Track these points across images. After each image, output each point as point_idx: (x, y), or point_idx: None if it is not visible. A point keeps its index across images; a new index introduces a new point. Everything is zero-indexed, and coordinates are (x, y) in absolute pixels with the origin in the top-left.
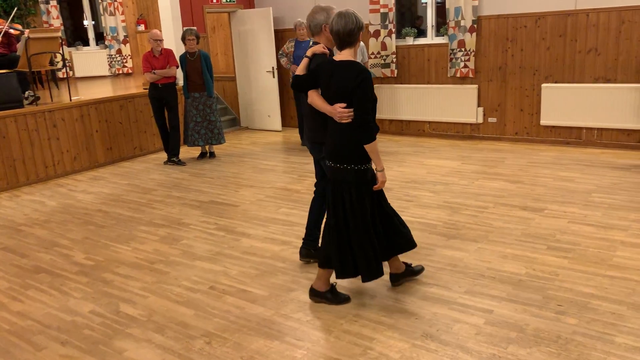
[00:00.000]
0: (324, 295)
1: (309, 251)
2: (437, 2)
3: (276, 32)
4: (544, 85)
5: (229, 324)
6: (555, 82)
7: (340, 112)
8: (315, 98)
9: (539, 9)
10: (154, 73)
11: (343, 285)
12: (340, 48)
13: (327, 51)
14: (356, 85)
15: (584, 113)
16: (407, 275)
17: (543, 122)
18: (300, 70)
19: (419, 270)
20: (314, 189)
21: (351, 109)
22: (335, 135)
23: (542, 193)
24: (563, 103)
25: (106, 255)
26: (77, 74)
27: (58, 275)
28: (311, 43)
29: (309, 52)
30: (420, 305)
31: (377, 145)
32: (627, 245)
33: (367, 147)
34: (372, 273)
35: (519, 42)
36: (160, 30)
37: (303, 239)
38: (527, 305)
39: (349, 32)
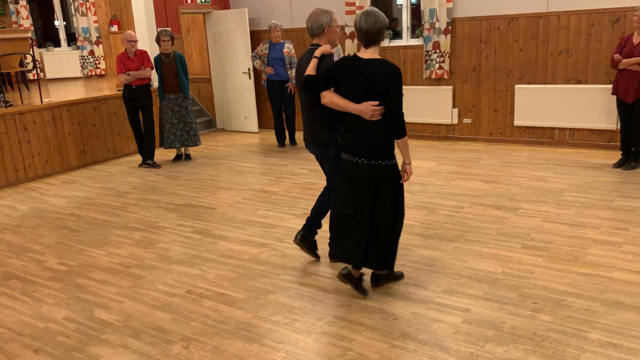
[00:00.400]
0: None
1: (306, 238)
2: (412, 4)
3: (252, 33)
4: (517, 86)
5: (207, 327)
6: (528, 83)
7: (372, 109)
8: (334, 98)
9: (511, 11)
10: (128, 74)
11: (321, 286)
12: (367, 46)
13: (333, 51)
14: (391, 82)
15: (556, 113)
16: (388, 278)
17: (517, 122)
18: (310, 70)
19: (400, 275)
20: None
21: (381, 107)
22: (364, 132)
23: (516, 192)
24: (536, 104)
25: (80, 260)
26: (48, 76)
27: (30, 281)
28: (287, 45)
29: (317, 53)
30: (399, 305)
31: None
32: (599, 242)
33: (400, 141)
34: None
35: (493, 44)
36: (134, 31)
37: (305, 224)
38: (504, 303)
39: (378, 30)
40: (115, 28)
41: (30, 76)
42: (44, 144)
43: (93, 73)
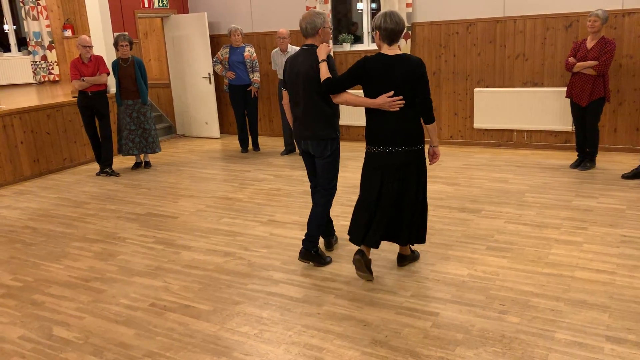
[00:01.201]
0: (411, 258)
1: (310, 252)
2: (373, 9)
3: (211, 37)
4: (476, 89)
5: (173, 342)
6: (487, 87)
7: (390, 100)
8: (349, 97)
9: (469, 16)
10: (83, 80)
11: (290, 294)
12: (391, 44)
13: (331, 48)
14: (422, 73)
15: (514, 116)
16: (412, 260)
17: (476, 125)
18: (325, 74)
19: (418, 255)
20: (311, 191)
21: (400, 97)
22: (395, 122)
23: (478, 194)
24: (494, 107)
25: (36, 275)
26: None
27: None
28: (247, 48)
29: (324, 56)
30: (368, 311)
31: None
32: (561, 242)
33: (430, 126)
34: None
35: (452, 48)
36: (89, 36)
37: (305, 239)
38: (471, 306)
39: (401, 29)
40: (69, 32)
41: None
42: None
43: (46, 79)
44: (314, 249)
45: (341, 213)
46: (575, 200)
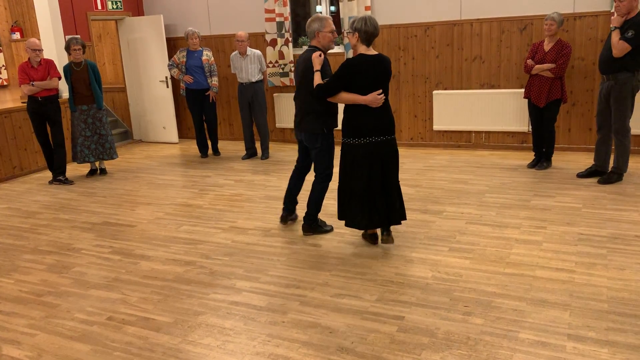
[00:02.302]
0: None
1: (310, 226)
2: (332, 12)
3: (168, 40)
4: (435, 92)
5: (132, 357)
6: (445, 89)
7: (378, 98)
8: (344, 96)
9: (427, 19)
10: (33, 85)
11: (253, 303)
12: (369, 45)
13: (322, 56)
14: (391, 70)
15: (473, 117)
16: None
17: (436, 127)
18: (318, 80)
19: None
20: (294, 168)
21: (381, 92)
22: (383, 114)
23: (439, 196)
24: (453, 108)
25: None
26: None
27: None
28: (205, 52)
29: (318, 66)
30: (333, 317)
31: None
32: (521, 242)
33: None
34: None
35: (411, 51)
36: (39, 39)
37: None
38: (436, 308)
39: (377, 33)
40: (17, 35)
41: None
42: None
43: None
44: (314, 223)
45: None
46: (534, 200)
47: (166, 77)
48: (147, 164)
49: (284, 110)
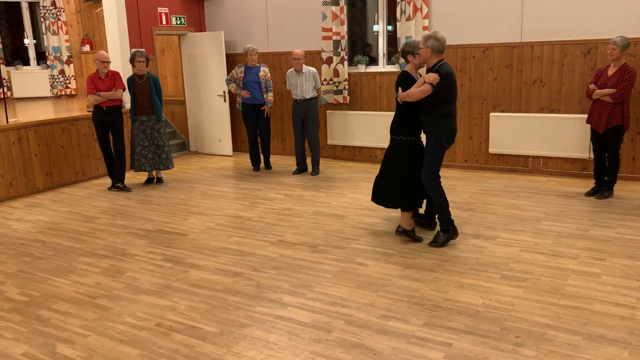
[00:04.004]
0: (409, 234)
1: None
2: (389, 32)
3: (227, 56)
4: (492, 114)
5: None
6: (503, 112)
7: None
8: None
9: (486, 40)
10: (99, 95)
11: (298, 319)
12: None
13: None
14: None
15: (530, 142)
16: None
17: (491, 150)
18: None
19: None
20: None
21: None
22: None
23: (493, 221)
24: (510, 132)
25: (43, 290)
26: (16, 95)
27: None
28: (263, 68)
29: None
30: (378, 339)
31: None
32: (578, 273)
33: None
34: None
35: (468, 72)
36: (107, 52)
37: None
38: (486, 337)
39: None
40: (87, 48)
41: None
42: (9, 165)
43: (63, 93)
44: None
45: (352, 235)
46: (593, 230)
47: (224, 92)
48: (201, 175)
49: (337, 128)
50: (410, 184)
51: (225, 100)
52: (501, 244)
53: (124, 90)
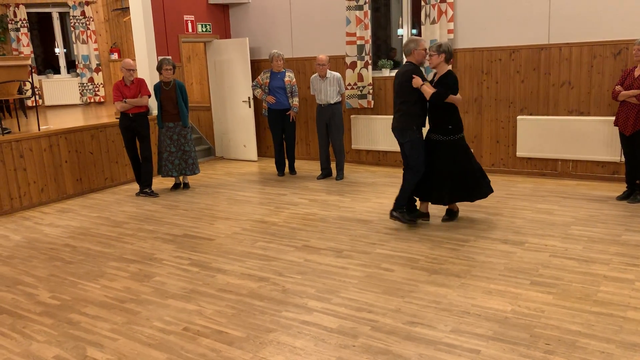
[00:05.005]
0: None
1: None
2: (413, 35)
3: (252, 62)
4: (519, 117)
5: None
6: (530, 114)
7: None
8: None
9: (513, 42)
10: (125, 102)
11: (324, 324)
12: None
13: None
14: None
15: (559, 145)
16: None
17: (519, 153)
18: (430, 89)
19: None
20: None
21: None
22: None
23: (521, 225)
24: (538, 135)
25: (73, 294)
26: (47, 103)
27: (21, 316)
28: (288, 74)
29: (421, 81)
30: (405, 345)
31: None
32: (610, 279)
33: None
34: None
35: (494, 75)
36: (134, 60)
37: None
38: (515, 344)
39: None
40: (115, 56)
41: (29, 103)
42: (40, 171)
43: (92, 100)
44: (400, 210)
45: (377, 240)
46: (625, 235)
47: (249, 98)
48: (227, 180)
49: (361, 132)
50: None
51: (250, 106)
52: (530, 249)
53: (149, 96)
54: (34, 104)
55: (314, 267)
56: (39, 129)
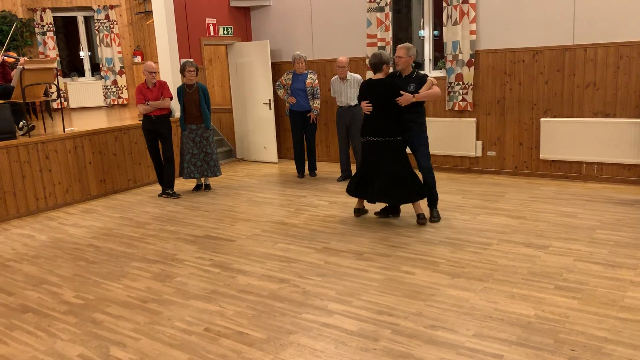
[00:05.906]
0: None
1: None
2: (435, 37)
3: (273, 64)
4: (542, 119)
5: None
6: (554, 117)
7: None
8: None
9: (536, 44)
10: (147, 104)
11: (344, 327)
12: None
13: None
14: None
15: (584, 147)
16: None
17: (542, 156)
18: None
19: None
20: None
21: None
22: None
23: (545, 229)
24: (562, 137)
25: (97, 294)
26: (72, 105)
27: (46, 315)
28: (310, 75)
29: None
30: (427, 349)
31: None
32: (637, 285)
33: None
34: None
35: (517, 76)
36: (157, 62)
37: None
38: (539, 350)
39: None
40: (138, 59)
41: (55, 105)
42: (65, 172)
43: (115, 102)
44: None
45: (398, 243)
46: None
47: (269, 100)
48: (247, 181)
49: None
50: (416, 175)
51: (270, 108)
52: (554, 253)
53: (171, 99)
54: (59, 106)
55: (335, 269)
56: (64, 131)
